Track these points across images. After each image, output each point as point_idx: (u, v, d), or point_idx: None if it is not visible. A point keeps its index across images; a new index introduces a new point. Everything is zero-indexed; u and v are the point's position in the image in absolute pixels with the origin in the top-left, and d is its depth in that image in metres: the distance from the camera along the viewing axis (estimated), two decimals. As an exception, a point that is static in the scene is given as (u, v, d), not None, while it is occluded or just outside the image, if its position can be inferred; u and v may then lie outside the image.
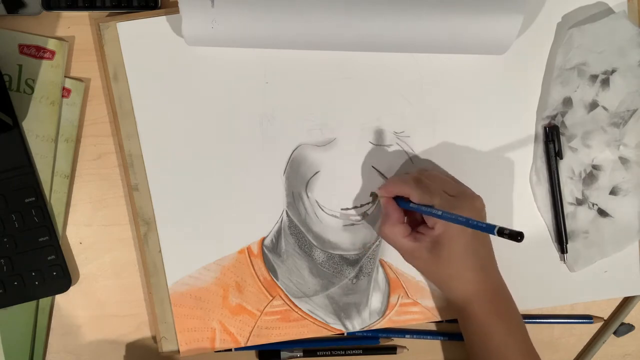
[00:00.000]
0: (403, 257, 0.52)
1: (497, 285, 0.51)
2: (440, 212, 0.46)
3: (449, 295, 0.53)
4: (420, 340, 0.57)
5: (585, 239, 0.56)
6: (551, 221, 0.56)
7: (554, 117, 0.55)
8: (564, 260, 0.56)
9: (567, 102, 0.55)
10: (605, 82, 0.55)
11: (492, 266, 0.52)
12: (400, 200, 0.51)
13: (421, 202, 0.48)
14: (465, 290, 0.50)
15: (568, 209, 0.56)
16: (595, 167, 0.56)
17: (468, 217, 0.44)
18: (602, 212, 0.56)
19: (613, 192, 0.56)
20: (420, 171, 0.53)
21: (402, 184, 0.50)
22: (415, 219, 0.52)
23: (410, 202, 0.49)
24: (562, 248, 0.56)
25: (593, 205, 0.56)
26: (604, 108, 0.55)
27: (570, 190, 0.56)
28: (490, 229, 0.41)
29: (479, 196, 0.51)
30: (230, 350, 0.55)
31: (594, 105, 0.55)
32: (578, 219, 0.56)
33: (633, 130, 0.55)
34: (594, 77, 0.55)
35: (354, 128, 0.55)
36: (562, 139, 0.55)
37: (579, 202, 0.56)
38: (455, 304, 0.52)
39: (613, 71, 0.55)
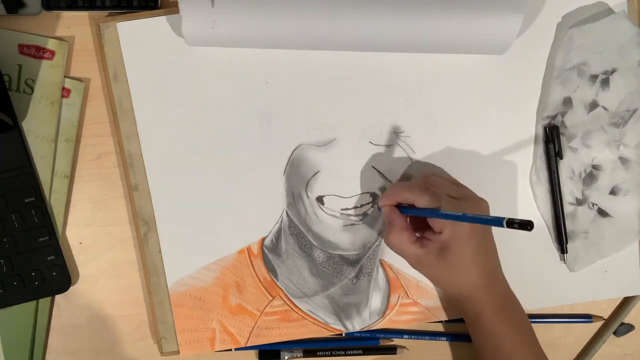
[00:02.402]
0: (410, 263, 0.51)
1: (504, 290, 0.51)
2: (447, 213, 0.46)
3: (459, 301, 0.52)
4: (420, 340, 0.57)
5: (585, 239, 0.56)
6: (551, 221, 0.56)
7: (554, 117, 0.55)
8: (564, 260, 0.56)
9: (567, 102, 0.55)
10: (605, 82, 0.55)
11: (499, 270, 0.51)
12: (402, 206, 0.51)
13: (427, 207, 0.48)
14: (476, 296, 0.50)
15: (568, 209, 0.56)
16: (595, 167, 0.56)
17: (475, 214, 0.44)
18: (602, 212, 0.56)
19: (613, 192, 0.56)
20: (423, 177, 0.52)
21: (405, 191, 0.50)
22: (417, 225, 0.52)
23: (414, 207, 0.49)
24: (562, 248, 0.56)
25: (593, 205, 0.56)
26: (604, 108, 0.55)
27: (570, 190, 0.56)
28: (498, 221, 0.40)
29: (483, 199, 0.51)
30: (230, 350, 0.55)
31: (594, 105, 0.55)
32: (578, 219, 0.56)
33: (633, 130, 0.55)
34: (594, 77, 0.55)
35: (354, 128, 0.55)
36: (562, 139, 0.55)
37: (579, 202, 0.56)
38: (465, 310, 0.52)
39: (613, 71, 0.55)
